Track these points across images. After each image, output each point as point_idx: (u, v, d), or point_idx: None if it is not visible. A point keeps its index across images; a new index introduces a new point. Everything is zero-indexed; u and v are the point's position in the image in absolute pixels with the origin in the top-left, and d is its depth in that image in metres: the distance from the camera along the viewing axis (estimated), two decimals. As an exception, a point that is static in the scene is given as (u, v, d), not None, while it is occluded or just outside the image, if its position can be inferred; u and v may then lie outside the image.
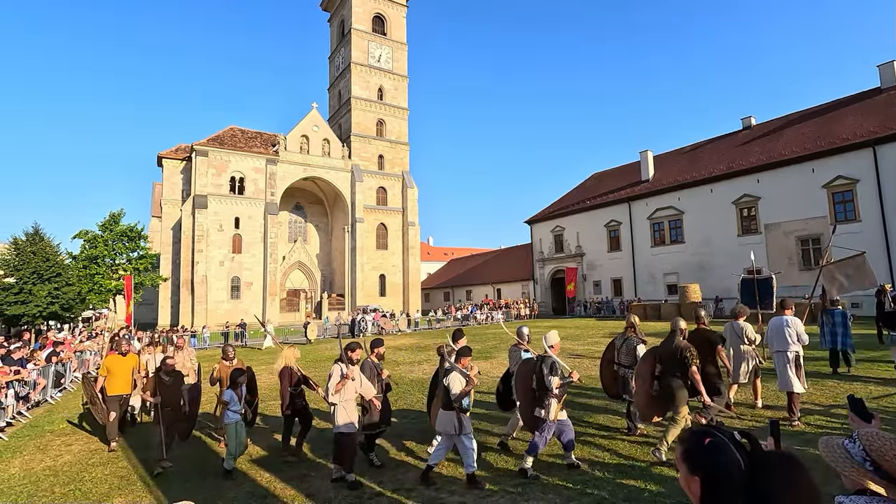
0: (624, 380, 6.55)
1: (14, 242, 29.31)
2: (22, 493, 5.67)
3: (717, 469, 1.18)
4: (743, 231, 28.60)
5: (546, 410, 5.23)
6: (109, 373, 7.56)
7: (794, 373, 6.55)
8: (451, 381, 5.09)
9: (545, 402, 5.25)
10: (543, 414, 5.25)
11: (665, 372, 5.83)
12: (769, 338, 6.91)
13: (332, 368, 5.51)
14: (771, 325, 6.94)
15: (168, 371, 6.75)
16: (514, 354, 6.38)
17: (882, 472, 1.62)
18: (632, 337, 6.64)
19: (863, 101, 26.83)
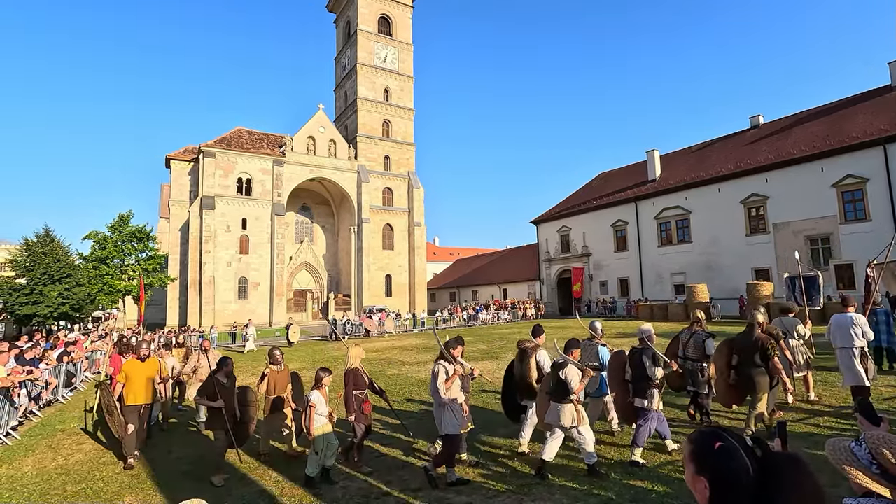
0: (692, 372, 6.68)
1: (25, 243, 29.69)
2: (35, 492, 5.75)
3: (725, 472, 1.19)
4: (751, 231, 28.39)
5: (650, 400, 5.45)
6: (128, 379, 6.70)
7: (861, 367, 6.60)
8: (568, 373, 5.17)
9: (648, 392, 5.47)
10: (647, 404, 5.47)
11: (743, 362, 6.17)
12: (832, 334, 6.97)
13: (436, 368, 5.33)
14: (833, 321, 6.99)
15: (228, 373, 6.13)
16: (590, 348, 6.63)
17: (888, 475, 1.62)
18: (699, 331, 6.84)
19: (873, 99, 26.56)
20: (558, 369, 5.27)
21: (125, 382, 6.73)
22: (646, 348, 5.65)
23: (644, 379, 5.52)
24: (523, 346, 6.36)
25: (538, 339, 6.46)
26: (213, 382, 5.98)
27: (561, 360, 5.34)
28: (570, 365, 5.22)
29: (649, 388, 5.47)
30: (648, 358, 5.54)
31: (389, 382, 11.78)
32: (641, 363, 5.57)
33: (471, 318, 34.56)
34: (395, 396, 10.05)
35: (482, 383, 11.15)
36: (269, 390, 6.56)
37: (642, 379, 5.54)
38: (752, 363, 6.06)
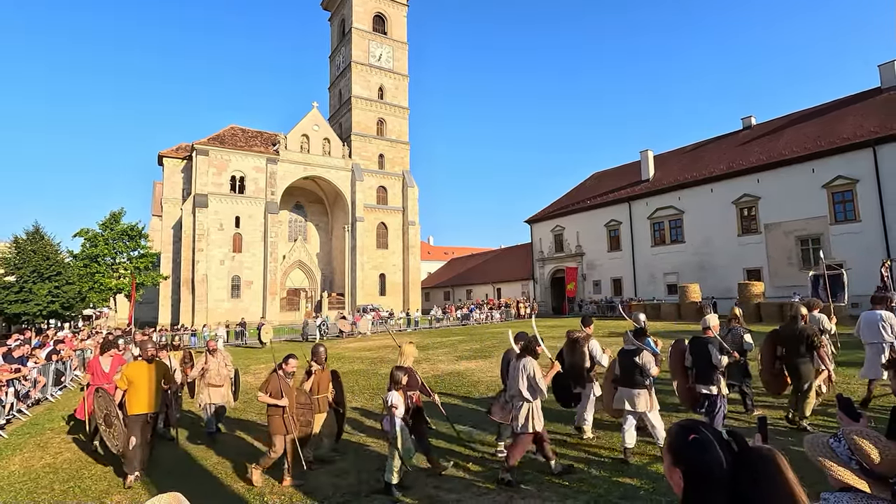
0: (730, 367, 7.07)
1: (15, 241, 29.38)
2: (22, 491, 5.70)
3: (698, 465, 1.21)
4: (743, 231, 28.62)
5: (717, 386, 5.72)
6: (132, 385, 5.84)
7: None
8: (645, 359, 5.41)
9: (713, 378, 5.72)
10: (714, 390, 5.72)
11: (789, 353, 6.46)
12: (861, 330, 7.31)
13: (526, 364, 5.20)
14: (863, 318, 7.33)
15: (289, 372, 5.69)
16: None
17: (866, 470, 1.65)
18: (737, 327, 7.25)
19: (863, 101, 26.82)
20: (632, 356, 5.52)
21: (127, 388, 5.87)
22: (711, 338, 5.92)
23: (709, 366, 5.75)
24: (574, 336, 6.60)
25: (588, 328, 6.75)
26: (276, 379, 5.51)
27: (633, 347, 5.61)
28: (644, 351, 5.50)
29: (714, 375, 5.73)
30: (715, 347, 5.79)
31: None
32: (706, 351, 5.80)
33: (464, 317, 34.59)
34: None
35: (474, 381, 11.18)
36: (312, 390, 6.08)
37: (707, 366, 5.77)
38: (798, 353, 6.36)
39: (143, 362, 6.07)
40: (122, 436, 5.68)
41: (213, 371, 7.48)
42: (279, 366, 5.63)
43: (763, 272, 27.25)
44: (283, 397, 5.35)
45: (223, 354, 7.69)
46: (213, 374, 7.47)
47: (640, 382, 5.44)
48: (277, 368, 5.61)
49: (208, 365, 7.55)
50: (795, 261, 26.24)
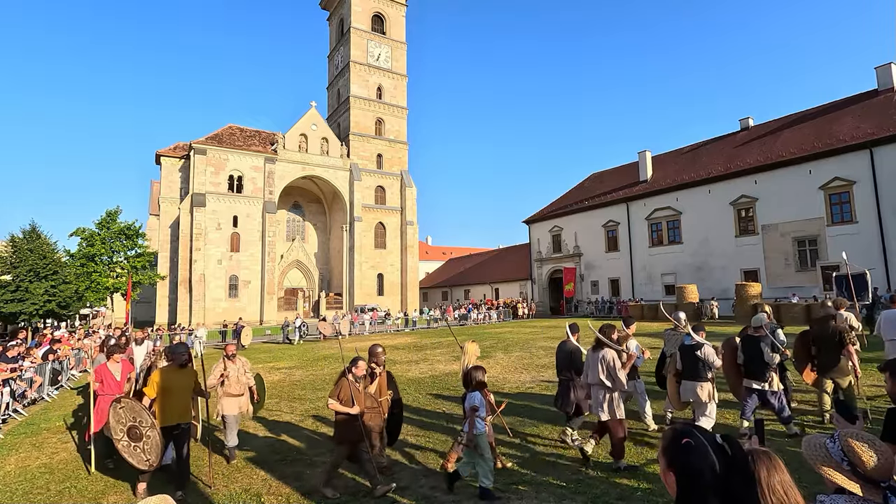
0: None
1: (11, 240, 29.26)
2: (17, 491, 5.68)
3: (690, 468, 1.22)
4: (740, 232, 28.70)
5: (769, 383, 6.03)
6: (163, 393, 5.33)
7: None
8: (707, 353, 5.73)
9: (765, 374, 6.01)
10: (766, 386, 6.01)
11: (822, 350, 6.68)
12: (882, 328, 7.53)
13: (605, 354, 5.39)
14: (884, 316, 7.59)
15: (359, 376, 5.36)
16: (673, 337, 7.21)
17: (858, 471, 1.66)
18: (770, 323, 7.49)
19: (860, 102, 26.93)
20: (693, 350, 5.79)
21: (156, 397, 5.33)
22: (763, 336, 6.21)
23: (761, 363, 6.03)
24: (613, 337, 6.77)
25: (629, 329, 6.91)
26: (347, 384, 5.10)
27: (693, 343, 5.88)
28: (706, 346, 5.76)
29: (767, 371, 6.02)
30: (767, 345, 6.07)
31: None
32: (758, 348, 6.08)
33: (462, 317, 34.60)
34: (385, 395, 10.05)
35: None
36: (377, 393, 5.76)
37: (758, 363, 6.06)
38: (830, 350, 6.61)
39: (174, 367, 5.59)
40: (157, 449, 5.04)
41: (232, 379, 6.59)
42: (348, 369, 5.24)
43: (760, 273, 27.34)
44: (355, 404, 5.01)
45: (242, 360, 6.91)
46: (232, 383, 6.56)
47: (703, 375, 5.76)
48: (346, 372, 5.22)
49: (228, 372, 6.63)
50: (792, 262, 26.33)
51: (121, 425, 5.12)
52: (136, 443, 5.08)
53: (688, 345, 5.99)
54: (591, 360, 5.61)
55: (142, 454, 5.06)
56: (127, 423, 5.12)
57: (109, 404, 5.48)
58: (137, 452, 5.08)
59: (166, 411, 5.28)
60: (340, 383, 5.14)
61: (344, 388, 5.08)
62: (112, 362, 6.77)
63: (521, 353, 15.53)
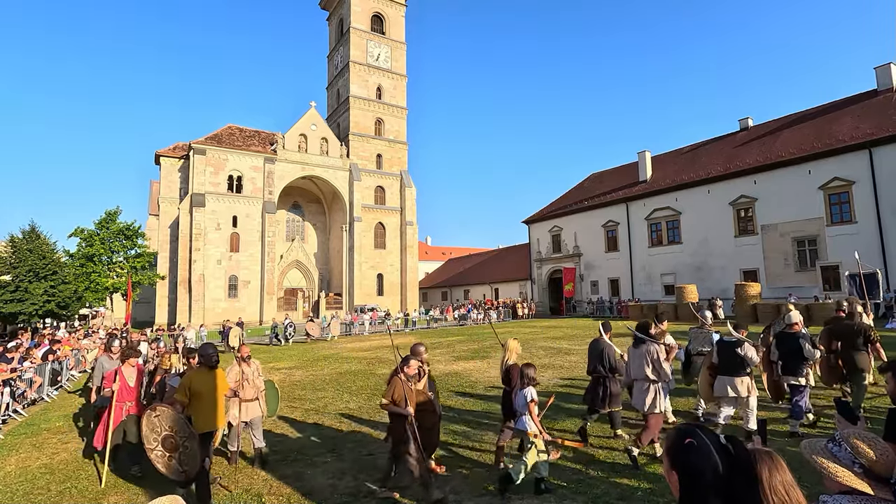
0: None
1: (11, 240, 29.26)
2: (18, 491, 5.68)
3: (693, 468, 1.23)
4: (740, 232, 28.72)
5: (806, 378, 6.31)
6: (196, 397, 4.96)
7: None
8: (747, 350, 5.94)
9: (802, 370, 6.30)
10: (802, 381, 6.29)
11: (845, 346, 6.88)
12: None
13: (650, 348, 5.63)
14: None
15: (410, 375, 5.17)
16: (700, 335, 7.51)
17: (870, 472, 1.67)
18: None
19: (859, 103, 26.96)
20: (733, 347, 6.03)
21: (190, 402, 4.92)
22: (801, 333, 6.49)
23: (799, 359, 6.31)
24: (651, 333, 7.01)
25: (662, 325, 7.16)
26: (401, 384, 4.91)
27: (734, 339, 6.10)
28: (746, 343, 6.01)
29: (804, 367, 6.28)
30: (807, 341, 6.35)
31: (380, 382, 11.77)
32: (796, 345, 6.38)
33: (462, 317, 34.61)
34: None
35: (471, 382, 11.18)
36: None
37: (795, 359, 6.33)
38: (854, 346, 6.79)
39: (206, 369, 5.14)
40: (195, 459, 4.61)
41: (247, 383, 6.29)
42: (399, 368, 5.09)
43: (760, 273, 27.37)
44: (408, 404, 4.84)
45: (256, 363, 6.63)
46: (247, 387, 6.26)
47: (742, 371, 5.93)
48: (398, 372, 5.07)
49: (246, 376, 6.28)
50: (792, 262, 26.35)
51: (155, 434, 4.73)
52: (172, 453, 4.68)
53: (727, 341, 6.17)
54: (633, 356, 5.76)
55: (177, 465, 4.67)
56: (162, 432, 4.72)
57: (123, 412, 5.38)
58: (172, 463, 4.68)
59: (201, 418, 4.88)
60: (394, 383, 4.97)
61: (397, 389, 4.90)
62: (127, 366, 6.26)
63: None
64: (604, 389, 6.24)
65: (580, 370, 11.46)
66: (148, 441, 4.78)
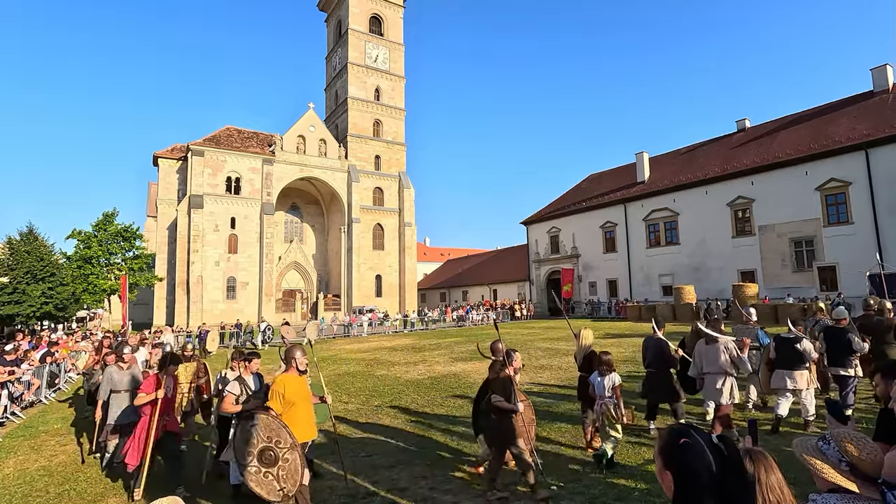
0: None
1: (8, 242, 29.18)
2: (16, 494, 5.67)
3: (687, 468, 1.24)
4: (737, 232, 28.80)
5: (854, 369, 6.65)
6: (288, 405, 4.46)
7: None
8: (806, 346, 6.41)
9: (849, 362, 6.63)
10: (852, 372, 6.66)
11: (876, 341, 7.09)
12: None
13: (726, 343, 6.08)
14: None
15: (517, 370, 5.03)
16: (746, 331, 7.77)
17: (857, 471, 1.69)
18: (822, 318, 8.36)
19: (856, 104, 27.08)
20: (792, 343, 6.47)
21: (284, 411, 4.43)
22: (848, 327, 6.87)
23: (845, 352, 6.66)
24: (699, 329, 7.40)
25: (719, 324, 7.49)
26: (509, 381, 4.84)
27: (792, 336, 6.54)
28: (804, 339, 6.46)
29: (851, 360, 6.64)
30: (855, 335, 6.73)
31: (378, 383, 11.78)
32: (844, 339, 6.70)
33: (460, 318, 34.62)
34: (385, 397, 10.07)
35: (469, 383, 11.19)
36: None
37: (843, 352, 6.70)
38: (884, 341, 7.09)
39: (296, 374, 4.68)
40: (295, 474, 4.16)
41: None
42: (506, 362, 5.02)
43: (757, 273, 27.44)
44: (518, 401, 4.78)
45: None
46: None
47: (800, 365, 6.37)
48: (504, 367, 4.97)
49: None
50: (789, 262, 26.43)
51: (250, 447, 4.19)
52: (270, 468, 4.14)
53: (785, 337, 6.63)
54: (706, 351, 6.21)
55: (274, 482, 4.11)
56: (259, 443, 4.16)
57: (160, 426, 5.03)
58: (269, 480, 4.12)
59: (297, 428, 4.40)
60: (504, 379, 4.84)
61: (507, 385, 4.80)
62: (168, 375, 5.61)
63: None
64: (667, 384, 6.64)
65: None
66: (242, 457, 4.21)
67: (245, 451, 4.18)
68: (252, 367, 5.59)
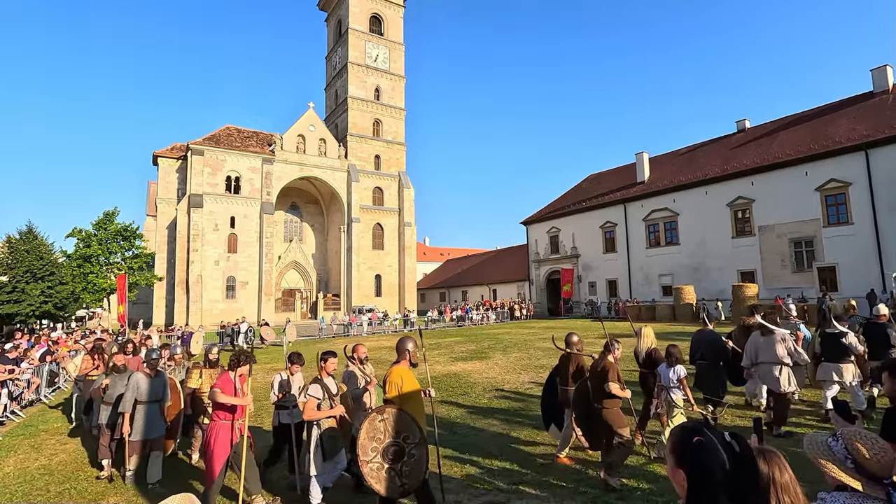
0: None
1: (7, 241, 29.14)
2: (17, 492, 5.66)
3: (701, 466, 1.23)
4: (737, 233, 28.81)
5: None
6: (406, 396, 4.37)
7: None
8: (851, 340, 6.69)
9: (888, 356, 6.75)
10: None
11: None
12: None
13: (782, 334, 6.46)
14: None
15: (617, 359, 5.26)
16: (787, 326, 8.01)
17: (862, 469, 1.69)
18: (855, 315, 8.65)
19: (856, 104, 27.09)
20: (839, 337, 6.74)
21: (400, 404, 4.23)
22: (888, 322, 7.18)
23: (886, 346, 6.93)
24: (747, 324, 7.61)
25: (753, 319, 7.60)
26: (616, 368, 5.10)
27: (837, 331, 6.79)
28: (850, 334, 6.72)
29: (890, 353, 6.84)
30: (894, 330, 6.99)
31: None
32: (884, 333, 7.01)
33: (460, 318, 34.61)
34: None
35: (470, 383, 11.18)
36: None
37: (882, 346, 6.98)
38: None
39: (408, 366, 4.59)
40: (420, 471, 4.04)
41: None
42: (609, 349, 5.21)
43: (757, 274, 27.45)
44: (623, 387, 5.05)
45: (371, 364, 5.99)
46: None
47: (846, 358, 6.65)
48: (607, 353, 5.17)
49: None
50: (789, 263, 26.44)
51: (376, 443, 4.04)
52: (394, 464, 3.99)
53: (831, 332, 6.92)
54: (762, 343, 6.63)
55: (397, 478, 3.95)
56: (385, 439, 4.03)
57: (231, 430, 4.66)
58: (391, 476, 3.96)
59: None
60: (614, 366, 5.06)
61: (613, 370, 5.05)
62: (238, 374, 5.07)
63: (520, 354, 15.55)
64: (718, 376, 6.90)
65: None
66: (364, 452, 4.01)
67: (369, 447, 4.01)
68: (329, 367, 5.11)
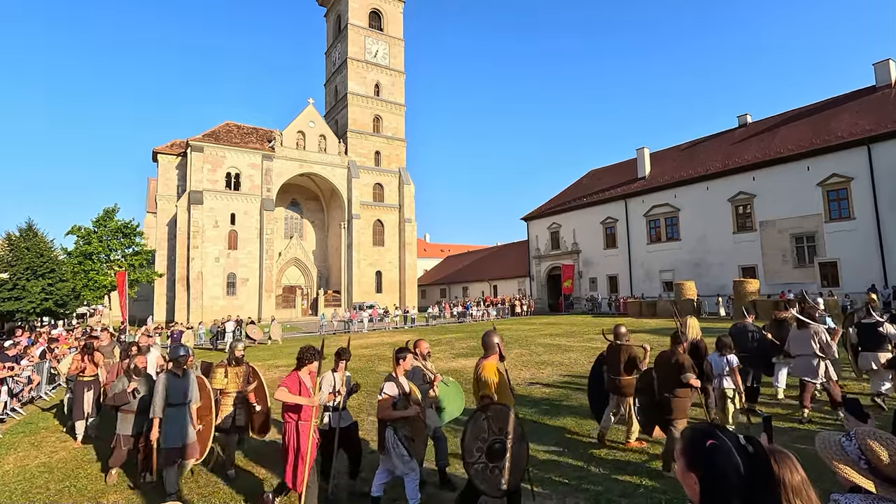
0: None
1: (8, 238, 29.13)
2: (16, 490, 5.64)
3: (715, 470, 1.19)
4: (738, 228, 28.74)
5: None
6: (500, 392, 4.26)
7: None
8: (888, 329, 6.92)
9: None
10: None
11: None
12: None
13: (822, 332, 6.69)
14: None
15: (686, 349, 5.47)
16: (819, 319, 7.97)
17: (875, 470, 1.64)
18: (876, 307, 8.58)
19: (858, 99, 26.96)
20: (875, 328, 7.05)
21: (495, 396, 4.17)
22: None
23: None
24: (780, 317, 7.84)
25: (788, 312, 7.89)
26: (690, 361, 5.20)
27: (874, 321, 7.10)
28: (886, 324, 7.02)
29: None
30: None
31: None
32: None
33: (461, 314, 34.60)
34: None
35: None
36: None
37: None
38: None
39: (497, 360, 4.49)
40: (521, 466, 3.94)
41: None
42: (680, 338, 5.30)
43: (758, 269, 27.39)
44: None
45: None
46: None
47: (883, 346, 6.93)
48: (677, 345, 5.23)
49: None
50: (790, 258, 26.38)
51: (480, 442, 3.83)
52: (496, 462, 3.81)
53: (867, 322, 7.20)
54: (799, 336, 6.92)
55: (500, 476, 3.79)
56: (489, 437, 3.82)
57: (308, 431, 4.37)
58: (494, 475, 3.77)
59: None
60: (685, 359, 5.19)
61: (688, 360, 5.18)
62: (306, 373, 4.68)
63: (521, 351, 15.53)
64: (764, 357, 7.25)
65: (580, 367, 11.49)
66: (470, 453, 3.80)
67: (474, 447, 3.81)
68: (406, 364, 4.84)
